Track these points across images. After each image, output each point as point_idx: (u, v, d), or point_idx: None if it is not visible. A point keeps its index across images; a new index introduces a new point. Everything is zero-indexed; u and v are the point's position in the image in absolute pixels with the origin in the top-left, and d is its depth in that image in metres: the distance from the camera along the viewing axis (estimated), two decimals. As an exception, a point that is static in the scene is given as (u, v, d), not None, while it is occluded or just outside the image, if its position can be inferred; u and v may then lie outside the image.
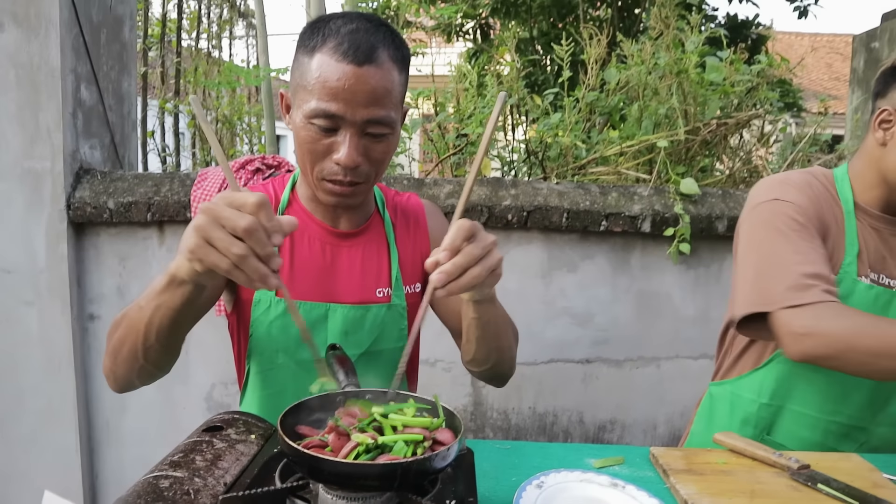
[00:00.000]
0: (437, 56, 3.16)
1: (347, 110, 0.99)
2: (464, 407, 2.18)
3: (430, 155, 2.75)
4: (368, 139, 1.04)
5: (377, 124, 1.02)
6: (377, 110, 1.01)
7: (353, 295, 1.18)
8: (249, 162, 2.07)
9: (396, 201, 1.30)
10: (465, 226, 0.83)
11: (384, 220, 1.25)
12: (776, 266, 1.19)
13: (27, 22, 1.88)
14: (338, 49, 0.99)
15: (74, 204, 1.96)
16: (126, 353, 0.95)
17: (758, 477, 1.01)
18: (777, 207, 1.25)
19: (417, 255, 1.26)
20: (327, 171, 1.05)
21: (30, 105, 1.91)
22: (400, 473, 0.70)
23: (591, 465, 1.05)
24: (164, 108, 4.14)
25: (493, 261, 0.85)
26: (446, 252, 0.82)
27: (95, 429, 2.13)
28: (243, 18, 5.64)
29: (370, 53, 0.99)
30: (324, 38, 1.01)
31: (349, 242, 1.20)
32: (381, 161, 1.08)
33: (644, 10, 3.93)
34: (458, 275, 0.82)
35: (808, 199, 1.25)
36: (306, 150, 1.05)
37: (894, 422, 1.31)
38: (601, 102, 2.49)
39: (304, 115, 1.02)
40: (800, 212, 1.23)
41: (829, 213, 1.28)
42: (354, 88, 0.98)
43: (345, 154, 1.01)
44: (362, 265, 1.20)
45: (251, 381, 1.22)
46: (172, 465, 0.76)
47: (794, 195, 1.26)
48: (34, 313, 1.99)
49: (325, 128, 1.01)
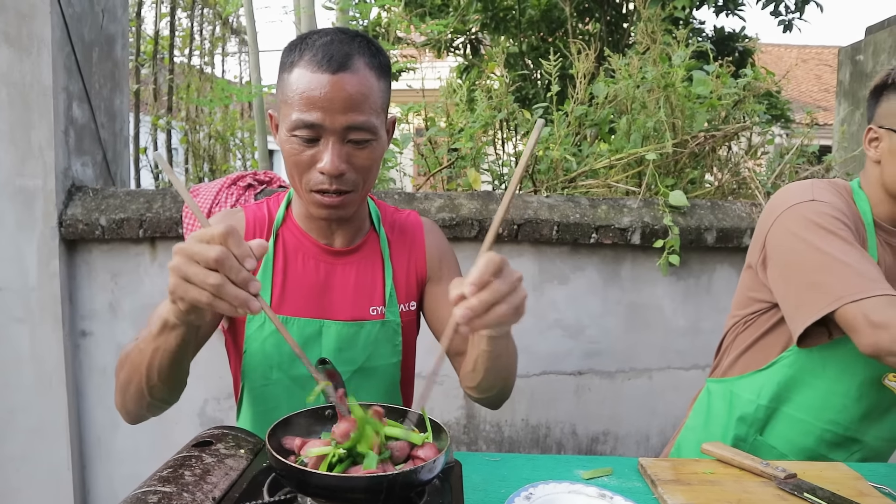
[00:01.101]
0: (428, 71, 3.19)
1: (326, 118, 1.01)
2: (456, 420, 2.18)
3: (422, 169, 2.77)
4: (351, 146, 1.05)
5: (358, 130, 1.04)
6: (356, 116, 1.03)
7: (347, 312, 1.18)
8: (241, 178, 2.08)
9: (395, 218, 1.30)
10: (495, 260, 0.79)
11: (379, 236, 1.25)
12: (837, 262, 1.15)
13: (19, 42, 1.90)
14: (313, 60, 1.01)
15: (66, 221, 1.96)
16: (133, 392, 0.97)
17: (745, 486, 1.02)
18: (818, 208, 1.22)
19: (413, 273, 1.26)
20: (314, 181, 1.06)
21: (22, 124, 1.92)
22: (386, 486, 0.70)
23: (579, 477, 1.06)
24: (157, 125, 4.16)
25: (518, 299, 0.81)
26: (473, 286, 0.78)
27: (87, 445, 2.12)
28: (235, 35, 5.68)
29: (344, 61, 1.01)
30: (301, 53, 1.03)
31: (343, 260, 1.20)
32: (366, 168, 1.09)
33: (632, 25, 3.98)
34: (483, 311, 0.78)
35: (844, 203, 1.27)
36: (292, 163, 1.06)
37: (887, 436, 1.32)
38: (590, 116, 2.52)
39: (286, 129, 1.04)
40: (840, 214, 1.22)
41: (858, 223, 1.28)
42: (330, 96, 1.00)
43: (328, 162, 1.02)
44: (356, 283, 1.20)
45: (246, 398, 1.22)
46: (161, 481, 0.76)
47: (830, 197, 1.25)
48: (26, 331, 1.99)
49: (306, 138, 1.03)
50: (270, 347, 1.15)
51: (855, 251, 1.16)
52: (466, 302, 0.78)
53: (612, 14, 4.03)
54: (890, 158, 1.24)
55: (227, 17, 5.42)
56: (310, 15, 3.54)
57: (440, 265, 1.28)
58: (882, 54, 2.86)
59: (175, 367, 0.93)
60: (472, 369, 1.07)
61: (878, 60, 2.89)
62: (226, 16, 5.12)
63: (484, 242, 0.83)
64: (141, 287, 2.07)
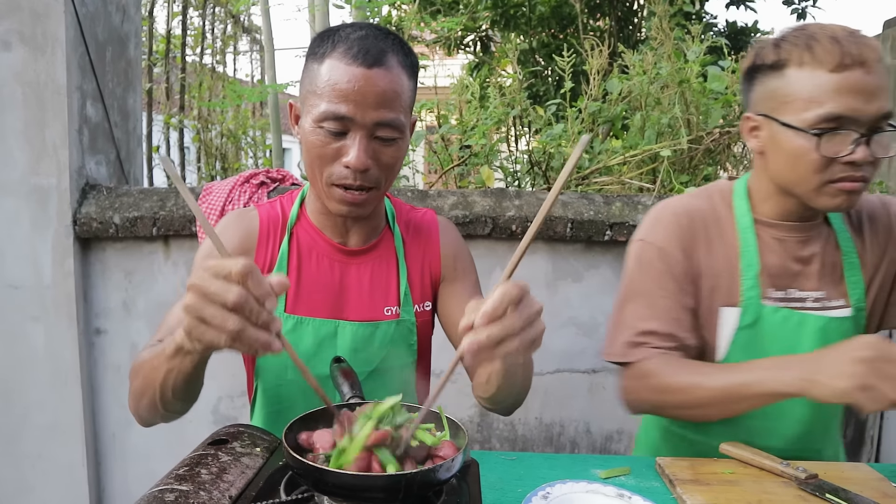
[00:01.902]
0: (440, 68, 3.18)
1: (357, 112, 0.99)
2: (470, 418, 2.17)
3: (434, 166, 2.76)
4: (378, 143, 1.04)
5: (386, 127, 1.02)
6: (386, 113, 1.01)
7: (362, 312, 1.17)
8: (254, 175, 2.09)
9: (410, 216, 1.28)
10: (512, 293, 0.73)
11: (394, 235, 1.23)
12: (623, 318, 1.23)
13: (34, 41, 1.91)
14: (347, 53, 1.00)
15: (80, 219, 1.97)
16: (146, 403, 0.96)
17: (765, 487, 1.01)
18: (641, 250, 1.24)
19: (427, 273, 1.24)
20: (336, 175, 1.04)
21: (36, 122, 1.93)
22: (404, 485, 0.70)
23: (597, 476, 1.05)
24: (169, 124, 4.17)
25: (534, 333, 0.76)
26: (483, 319, 0.72)
27: (102, 443, 2.13)
28: (247, 34, 5.69)
29: (380, 57, 1.00)
30: (333, 44, 1.02)
31: (358, 260, 1.19)
32: (390, 166, 1.07)
33: (642, 21, 3.95)
34: (491, 346, 0.73)
35: (677, 237, 1.21)
36: (315, 155, 1.04)
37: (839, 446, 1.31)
38: (604, 113, 2.50)
39: (313, 120, 1.02)
40: (661, 256, 1.21)
41: (708, 245, 1.22)
42: (364, 90, 0.99)
43: (354, 156, 1.01)
44: (371, 283, 1.18)
45: (260, 397, 1.21)
46: (178, 479, 0.76)
47: (661, 235, 1.22)
48: (41, 329, 2.00)
49: (334, 131, 1.01)
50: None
51: (649, 307, 1.20)
52: (474, 335, 0.73)
53: (622, 9, 3.99)
54: (773, 147, 1.14)
55: (238, 15, 5.43)
56: (323, 13, 3.54)
57: (455, 264, 1.26)
58: (900, 48, 2.82)
59: (189, 386, 0.91)
60: (486, 381, 1.04)
61: (896, 55, 2.85)
62: (236, 13, 5.13)
63: (506, 268, 0.77)
64: (155, 285, 2.08)
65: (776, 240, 1.21)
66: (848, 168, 1.08)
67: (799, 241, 1.21)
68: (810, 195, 1.13)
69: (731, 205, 1.25)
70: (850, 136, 1.06)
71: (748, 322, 1.19)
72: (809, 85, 1.07)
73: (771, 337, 1.19)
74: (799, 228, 1.21)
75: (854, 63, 1.04)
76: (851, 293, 1.21)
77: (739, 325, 1.20)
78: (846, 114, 1.05)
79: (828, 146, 1.07)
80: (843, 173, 1.08)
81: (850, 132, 1.06)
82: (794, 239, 1.21)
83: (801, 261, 1.21)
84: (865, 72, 1.04)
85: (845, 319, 1.20)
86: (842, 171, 1.08)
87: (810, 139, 1.08)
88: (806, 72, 1.07)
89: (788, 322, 1.18)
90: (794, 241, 1.21)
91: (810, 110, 1.07)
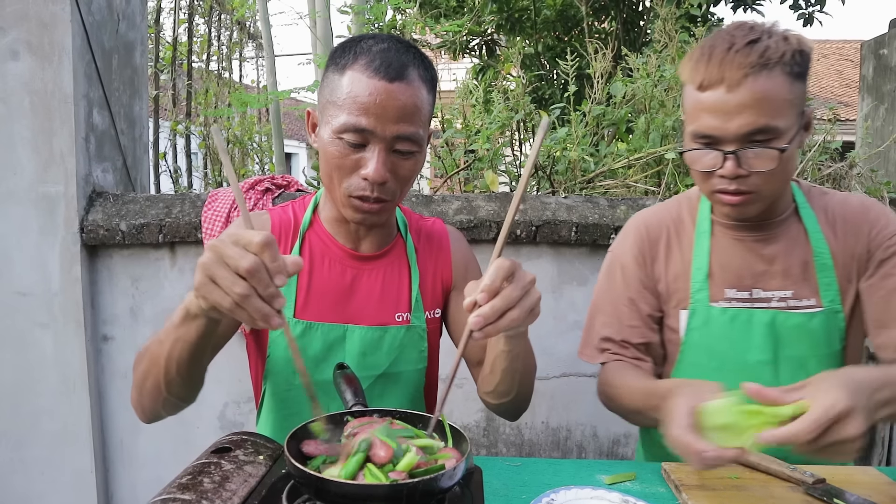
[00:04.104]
0: (444, 72, 3.19)
1: (377, 125, 1.00)
2: (476, 423, 2.17)
3: (439, 171, 2.76)
4: (396, 156, 1.05)
5: (406, 141, 1.03)
6: (406, 127, 1.02)
7: (372, 317, 1.17)
8: (259, 182, 2.09)
9: (420, 225, 1.29)
10: (505, 266, 0.80)
11: (407, 243, 1.24)
12: (592, 324, 1.33)
13: (41, 50, 1.92)
14: (369, 66, 1.00)
15: (87, 227, 1.98)
16: (150, 386, 0.97)
17: (772, 492, 1.00)
18: (608, 261, 1.35)
19: (438, 281, 1.26)
20: (354, 186, 1.05)
21: (43, 131, 1.95)
22: (406, 494, 0.70)
23: (602, 482, 1.04)
24: (176, 130, 4.19)
25: (531, 301, 0.83)
26: (484, 294, 0.79)
27: (110, 450, 2.14)
28: (253, 40, 5.72)
29: (401, 71, 1.01)
30: (355, 56, 1.02)
31: (370, 266, 1.20)
32: (407, 179, 1.09)
33: (648, 23, 3.94)
34: (496, 318, 0.80)
35: (637, 248, 1.29)
36: (334, 166, 1.05)
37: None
38: (608, 116, 2.50)
39: (333, 131, 1.03)
40: (624, 267, 1.30)
41: (668, 252, 1.28)
42: (385, 104, 1.00)
43: (373, 169, 1.01)
44: (382, 289, 1.19)
45: (267, 403, 1.21)
46: (180, 488, 0.76)
47: (626, 246, 1.31)
48: (49, 335, 2.01)
49: (354, 143, 1.02)
50: None
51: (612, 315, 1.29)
52: (479, 309, 0.80)
53: (627, 12, 3.99)
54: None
55: (244, 22, 5.46)
56: (325, 19, 3.55)
57: (466, 274, 1.28)
58: (907, 48, 2.81)
59: (194, 362, 0.92)
60: (490, 371, 1.08)
61: (904, 54, 2.84)
62: (239, 18, 5.15)
63: (495, 248, 0.84)
64: (161, 291, 2.08)
65: (736, 240, 1.23)
66: (724, 181, 1.11)
67: (758, 240, 1.22)
68: (710, 200, 1.20)
69: (696, 210, 1.29)
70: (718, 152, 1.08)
71: (697, 324, 1.22)
72: (688, 101, 1.12)
73: (720, 337, 1.21)
74: (757, 227, 1.22)
75: (715, 83, 1.05)
76: (824, 293, 1.20)
77: (689, 327, 1.23)
78: (708, 132, 1.08)
79: (704, 160, 1.11)
80: (721, 185, 1.12)
81: (714, 150, 1.09)
82: (752, 238, 1.23)
83: (765, 260, 1.22)
84: (727, 90, 1.04)
85: (813, 317, 1.19)
86: (720, 183, 1.12)
87: (690, 152, 1.13)
88: (689, 87, 1.12)
89: (736, 321, 1.20)
90: (753, 241, 1.23)
91: (689, 125, 1.12)
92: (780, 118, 1.05)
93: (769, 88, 1.03)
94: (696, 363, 1.24)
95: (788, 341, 1.19)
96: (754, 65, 1.03)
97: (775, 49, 1.03)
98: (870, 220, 1.21)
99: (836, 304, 1.20)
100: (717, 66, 1.05)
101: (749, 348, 1.20)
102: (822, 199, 1.26)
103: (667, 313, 1.29)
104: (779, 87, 1.04)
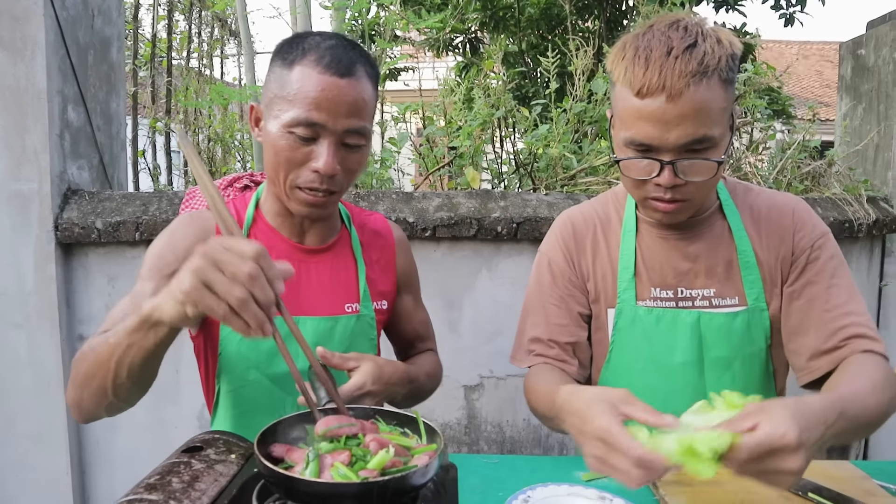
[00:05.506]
0: (427, 70, 3.17)
1: (329, 119, 1.03)
2: (457, 420, 2.16)
3: (421, 169, 2.75)
4: (345, 150, 1.07)
5: (355, 134, 1.06)
6: (356, 121, 1.05)
7: (322, 308, 1.19)
8: (237, 179, 2.06)
9: (364, 219, 1.33)
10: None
11: (352, 235, 1.27)
12: (523, 325, 1.31)
13: (13, 45, 1.89)
14: (320, 62, 1.03)
15: (62, 225, 1.95)
16: (95, 388, 0.94)
17: (747, 487, 1.00)
18: (538, 261, 1.33)
19: (384, 275, 1.30)
20: (303, 179, 1.06)
21: (16, 127, 1.91)
22: (377, 492, 0.69)
23: (579, 479, 1.04)
24: (155, 128, 4.14)
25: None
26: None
27: (86, 450, 2.11)
28: (234, 37, 5.67)
29: (350, 67, 1.04)
30: (304, 52, 1.04)
31: (317, 258, 1.21)
32: (354, 171, 1.11)
33: (631, 22, 3.96)
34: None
35: (563, 246, 1.28)
36: (283, 159, 1.06)
37: None
38: (589, 113, 2.50)
39: (283, 125, 1.04)
40: (550, 267, 1.29)
41: (595, 250, 1.26)
42: (336, 99, 1.02)
43: (324, 162, 1.03)
44: (331, 280, 1.21)
45: (222, 401, 1.20)
46: (148, 488, 0.74)
47: (552, 245, 1.30)
48: (23, 336, 1.97)
49: (304, 137, 1.03)
50: (247, 348, 1.14)
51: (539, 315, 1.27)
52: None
53: (611, 11, 4.00)
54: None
55: (225, 18, 5.41)
56: (305, 15, 3.53)
57: (409, 279, 1.36)
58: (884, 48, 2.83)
59: (147, 368, 0.91)
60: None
61: (881, 55, 2.86)
62: (218, 13, 5.10)
63: None
64: (138, 290, 2.05)
65: (661, 239, 1.22)
66: (659, 189, 1.09)
67: (681, 238, 1.21)
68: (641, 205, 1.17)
69: (623, 208, 1.27)
70: (653, 161, 1.06)
71: (624, 324, 1.21)
72: (622, 105, 1.07)
73: (646, 339, 1.20)
74: (681, 226, 1.21)
75: (654, 91, 1.01)
76: (749, 291, 1.19)
77: (616, 327, 1.22)
78: (646, 141, 1.05)
79: (639, 167, 1.08)
80: (655, 193, 1.10)
81: (651, 158, 1.06)
82: (676, 237, 1.21)
83: (689, 258, 1.21)
84: (667, 100, 1.01)
85: (735, 317, 1.19)
86: (654, 190, 1.10)
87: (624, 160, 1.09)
88: (624, 90, 1.06)
89: (662, 322, 1.19)
90: (677, 239, 1.21)
91: (623, 130, 1.08)
92: (716, 127, 1.04)
93: (708, 99, 1.01)
94: (623, 364, 1.23)
95: (713, 343, 1.18)
96: (695, 73, 1.00)
97: (712, 55, 1.01)
98: (794, 223, 1.20)
99: (761, 302, 1.19)
100: (656, 72, 1.01)
101: (674, 350, 1.19)
102: (746, 196, 1.25)
103: (595, 313, 1.27)
104: (717, 96, 1.02)
